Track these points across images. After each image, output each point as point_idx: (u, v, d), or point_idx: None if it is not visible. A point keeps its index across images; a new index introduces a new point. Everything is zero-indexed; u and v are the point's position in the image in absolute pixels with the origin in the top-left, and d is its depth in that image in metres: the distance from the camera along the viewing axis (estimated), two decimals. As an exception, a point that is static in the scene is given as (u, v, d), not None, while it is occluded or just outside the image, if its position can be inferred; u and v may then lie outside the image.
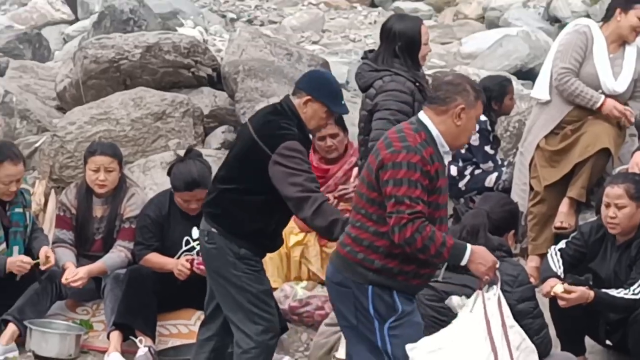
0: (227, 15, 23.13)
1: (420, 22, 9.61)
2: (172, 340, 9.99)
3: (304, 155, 8.24)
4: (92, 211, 10.39)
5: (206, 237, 8.43)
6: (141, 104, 12.45)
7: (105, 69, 13.23)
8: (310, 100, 8.19)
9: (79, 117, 12.46)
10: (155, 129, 12.30)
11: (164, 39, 13.77)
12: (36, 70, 15.15)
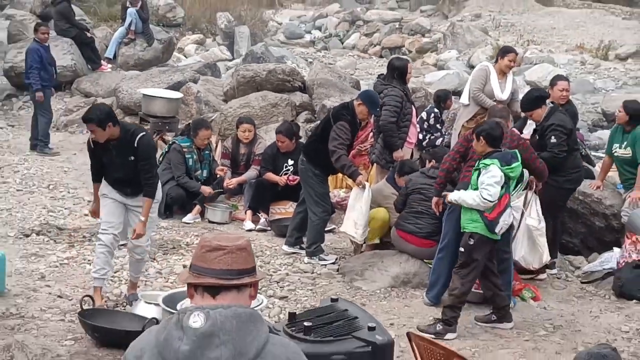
0: (307, 59, 25.30)
1: (408, 62, 11.24)
2: (277, 216, 11.31)
3: (346, 130, 9.59)
4: (239, 150, 11.87)
5: (301, 163, 10.00)
6: (265, 99, 14.15)
7: (248, 81, 14.99)
8: (361, 104, 9.66)
9: (233, 105, 14.20)
10: (272, 112, 14.02)
11: (277, 67, 15.57)
12: (213, 82, 16.62)
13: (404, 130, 10.42)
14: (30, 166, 13.50)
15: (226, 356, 3.00)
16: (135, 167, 8.06)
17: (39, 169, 13.35)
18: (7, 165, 13.43)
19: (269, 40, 27.30)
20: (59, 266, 9.36)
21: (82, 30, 18.85)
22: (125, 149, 8.02)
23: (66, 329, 7.83)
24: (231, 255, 3.18)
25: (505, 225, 7.96)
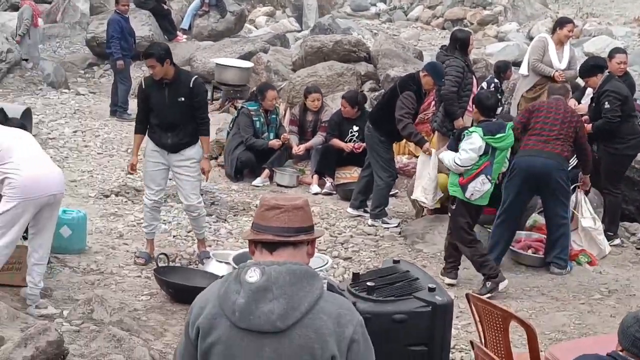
0: (372, 30, 25.18)
1: (470, 34, 10.87)
2: (343, 180, 11.26)
3: (412, 100, 9.56)
4: (306, 117, 11.82)
5: (367, 130, 10.00)
6: (332, 69, 14.07)
7: (315, 51, 14.93)
8: (427, 75, 9.56)
9: (301, 74, 14.08)
10: (338, 81, 13.91)
11: (344, 38, 15.50)
12: (282, 52, 16.63)
13: (464, 99, 10.25)
14: (110, 131, 13.64)
15: (278, 310, 3.06)
16: (184, 110, 8.07)
17: (118, 134, 13.49)
18: (89, 130, 13.60)
19: (335, 12, 27.10)
20: (136, 225, 9.46)
21: (160, 3, 18.95)
22: (179, 89, 8.05)
23: (142, 285, 7.96)
24: (288, 214, 3.23)
25: (476, 192, 7.91)
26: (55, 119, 14.07)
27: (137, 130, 8.41)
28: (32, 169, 6.84)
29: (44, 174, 6.91)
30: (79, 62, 18.27)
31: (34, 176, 6.81)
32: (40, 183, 6.84)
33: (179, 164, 8.21)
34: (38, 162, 6.99)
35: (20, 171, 6.77)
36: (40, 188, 6.83)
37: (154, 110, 8.15)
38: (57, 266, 8.10)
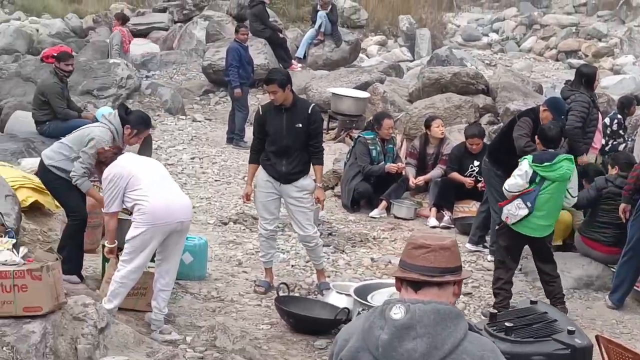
0: (484, 61, 24.98)
1: (596, 69, 10.63)
2: (461, 214, 11.14)
3: (529, 124, 9.30)
4: (427, 150, 11.71)
5: (484, 164, 9.87)
6: (450, 101, 14.12)
7: (433, 83, 15.03)
8: (546, 110, 9.28)
9: (418, 105, 14.12)
10: (456, 113, 13.98)
11: (462, 70, 15.63)
12: (398, 83, 16.81)
13: (589, 135, 10.08)
14: (227, 158, 13.82)
15: (421, 349, 3.03)
16: (300, 136, 8.14)
17: (234, 161, 13.65)
18: (206, 157, 13.82)
19: (447, 42, 27.14)
20: (255, 254, 9.52)
21: (275, 31, 19.24)
22: (297, 115, 8.12)
23: (262, 314, 8.02)
24: (434, 254, 3.22)
25: (511, 215, 7.95)
26: (173, 145, 14.36)
27: (252, 160, 8.50)
28: (161, 196, 7.02)
29: (172, 202, 7.07)
30: (195, 89, 18.54)
31: (162, 203, 6.99)
32: (169, 210, 7.02)
33: (292, 194, 8.27)
34: (167, 189, 7.18)
35: (150, 198, 6.96)
36: (168, 215, 7.00)
37: (270, 135, 8.23)
38: (179, 292, 8.22)
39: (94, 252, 8.81)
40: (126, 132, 7.77)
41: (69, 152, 7.78)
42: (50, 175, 7.96)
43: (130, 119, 7.79)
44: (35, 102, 12.51)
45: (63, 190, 7.97)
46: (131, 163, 7.23)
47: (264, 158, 8.35)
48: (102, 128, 7.79)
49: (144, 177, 7.08)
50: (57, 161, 7.85)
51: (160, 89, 17.30)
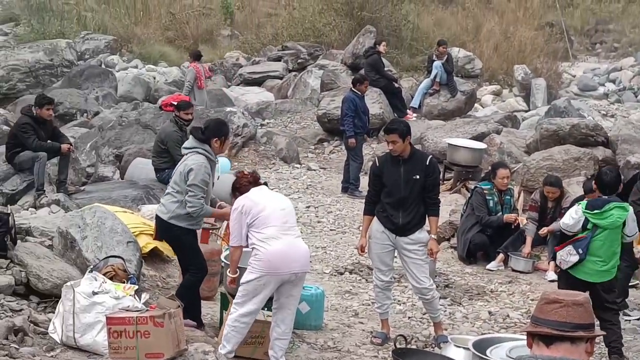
0: (600, 111, 24.42)
1: None
2: None
3: None
4: (547, 204, 11.30)
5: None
6: (568, 153, 13.86)
7: (551, 135, 14.91)
8: None
9: (536, 157, 13.83)
10: (575, 165, 13.69)
11: (581, 122, 15.30)
12: (515, 134, 16.90)
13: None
14: (342, 207, 13.89)
15: None
16: (417, 188, 8.16)
17: (349, 211, 13.70)
18: (321, 206, 13.95)
19: (562, 92, 26.78)
20: (371, 304, 9.51)
21: (391, 81, 19.37)
22: (415, 166, 8.17)
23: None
24: (567, 309, 3.21)
25: (563, 261, 8.05)
26: (288, 193, 14.42)
27: (367, 212, 8.54)
28: (280, 245, 7.11)
29: (290, 252, 7.16)
30: (309, 138, 18.74)
31: (280, 252, 7.08)
32: (285, 261, 7.11)
33: (407, 247, 8.29)
34: (288, 237, 7.23)
35: (269, 245, 7.07)
36: (284, 265, 7.10)
37: (387, 187, 8.27)
38: (296, 342, 8.25)
39: (211, 299, 9.00)
40: (216, 144, 7.90)
41: (180, 196, 7.86)
42: (175, 231, 8.00)
43: (213, 131, 7.89)
44: (155, 149, 12.87)
45: (187, 246, 8.08)
46: (262, 200, 7.30)
47: (380, 209, 8.38)
48: (193, 155, 7.89)
49: (270, 221, 7.16)
50: (173, 211, 7.91)
51: (275, 138, 17.56)
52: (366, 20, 26.30)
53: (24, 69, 25.80)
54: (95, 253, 8.60)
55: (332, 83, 20.77)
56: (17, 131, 12.61)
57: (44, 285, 8.03)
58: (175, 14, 33.27)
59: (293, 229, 7.38)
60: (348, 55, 22.29)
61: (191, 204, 7.71)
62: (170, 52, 30.95)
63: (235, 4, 34.67)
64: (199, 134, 7.94)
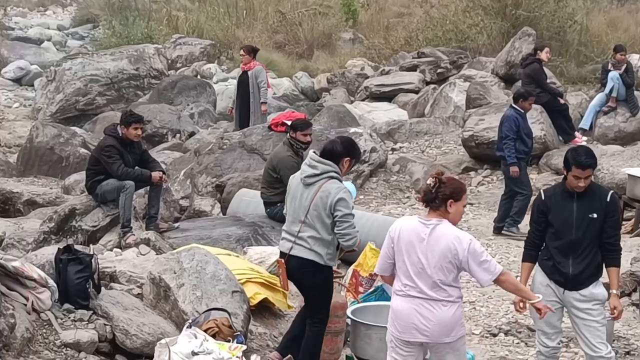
0: None
1: None
2: None
3: None
4: None
5: None
6: None
7: None
8: None
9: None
10: None
11: None
12: None
13: None
14: (495, 252, 13.70)
15: None
16: (593, 230, 8.07)
17: (503, 256, 13.58)
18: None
19: None
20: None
21: (555, 96, 19.13)
22: (592, 202, 8.08)
23: None
24: None
25: None
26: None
27: (527, 258, 8.48)
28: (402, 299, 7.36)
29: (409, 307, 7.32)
30: (452, 166, 18.62)
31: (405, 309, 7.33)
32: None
33: (578, 305, 8.19)
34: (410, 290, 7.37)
35: (394, 297, 7.39)
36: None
37: (554, 227, 8.20)
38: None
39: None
40: (345, 165, 8.56)
41: (331, 235, 8.41)
42: (329, 275, 8.61)
43: (346, 149, 8.55)
44: (265, 179, 13.01)
45: (330, 290, 8.59)
46: (404, 235, 7.33)
47: (544, 257, 8.34)
48: (331, 184, 8.41)
49: (403, 261, 7.30)
50: (329, 253, 8.48)
51: (410, 165, 17.55)
52: (522, 20, 26.25)
53: (105, 79, 26.46)
54: (194, 304, 8.75)
55: (480, 98, 20.69)
56: (99, 155, 12.76)
57: (132, 343, 8.22)
58: (285, 13, 33.96)
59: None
60: (500, 63, 22.24)
61: (350, 235, 8.33)
62: (280, 59, 31.39)
63: (359, 2, 34.87)
64: (331, 150, 8.53)
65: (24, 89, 30.51)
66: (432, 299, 7.22)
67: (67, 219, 12.87)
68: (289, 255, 8.51)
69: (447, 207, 7.21)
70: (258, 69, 19.19)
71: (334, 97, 26.01)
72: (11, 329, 7.53)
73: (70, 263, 8.53)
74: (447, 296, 7.22)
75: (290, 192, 8.72)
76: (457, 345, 7.34)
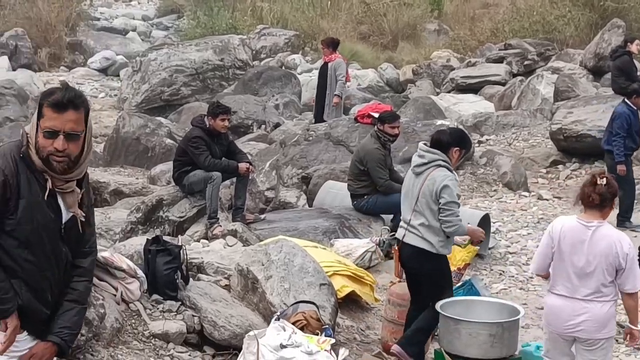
0: None
1: None
2: None
3: None
4: None
5: None
6: None
7: None
8: None
9: None
10: None
11: None
12: None
13: None
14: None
15: None
16: None
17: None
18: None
19: None
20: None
21: (650, 91, 18.74)
22: None
23: None
24: None
25: None
26: (514, 228, 14.33)
27: None
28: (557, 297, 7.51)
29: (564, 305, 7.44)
30: (540, 159, 18.45)
31: (558, 305, 7.49)
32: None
33: None
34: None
35: (548, 296, 7.60)
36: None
37: None
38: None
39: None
40: (455, 155, 8.74)
41: (433, 219, 8.58)
42: (443, 262, 8.79)
43: (455, 139, 8.77)
44: (351, 171, 12.98)
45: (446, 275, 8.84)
46: (566, 236, 7.41)
47: None
48: (438, 172, 8.61)
49: (562, 260, 7.40)
50: (440, 240, 8.66)
51: (497, 158, 17.37)
52: (611, 11, 26.01)
53: (190, 70, 26.65)
54: (281, 297, 8.74)
55: (568, 91, 20.47)
56: (186, 147, 12.82)
57: (220, 334, 8.20)
58: (370, 4, 33.92)
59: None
60: (589, 56, 22.06)
61: (451, 222, 8.50)
62: (364, 50, 31.39)
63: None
64: (438, 140, 8.67)
65: (110, 79, 30.89)
66: (589, 299, 7.34)
67: (154, 210, 12.98)
68: (403, 242, 8.81)
69: (612, 207, 7.36)
70: (338, 62, 19.17)
71: (419, 88, 25.94)
72: (101, 319, 7.53)
73: (159, 254, 8.53)
74: (602, 295, 7.33)
75: (405, 183, 8.95)
76: (607, 343, 7.45)
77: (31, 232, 4.81)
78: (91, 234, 5.18)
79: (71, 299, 5.05)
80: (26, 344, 4.98)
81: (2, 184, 4.74)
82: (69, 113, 4.73)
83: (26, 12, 32.45)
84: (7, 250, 4.82)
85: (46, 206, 4.83)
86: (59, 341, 4.97)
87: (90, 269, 5.19)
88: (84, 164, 4.92)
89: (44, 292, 4.95)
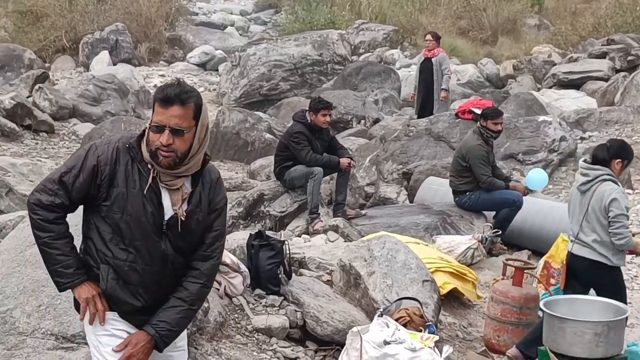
0: None
1: None
2: None
3: None
4: None
5: None
6: None
7: None
8: None
9: None
10: None
11: None
12: None
13: None
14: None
15: None
16: None
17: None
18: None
19: None
20: None
21: None
22: None
23: None
24: None
25: None
26: (618, 226, 14.04)
27: None
28: None
29: None
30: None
31: None
32: None
33: None
34: None
35: None
36: None
37: None
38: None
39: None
40: (618, 166, 8.72)
41: (604, 234, 8.57)
42: (614, 274, 8.78)
43: (617, 151, 8.72)
44: (453, 167, 12.91)
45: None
46: None
47: None
48: (604, 186, 8.58)
49: None
50: (614, 253, 8.65)
51: (583, 155, 17.16)
52: None
53: (288, 65, 26.61)
54: (384, 293, 8.72)
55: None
56: (288, 142, 12.88)
57: (323, 330, 8.21)
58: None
59: None
60: None
61: (621, 234, 8.46)
62: (464, 45, 31.30)
63: (545, -13, 34.56)
64: (598, 156, 8.73)
65: (209, 74, 30.97)
66: None
67: (255, 204, 13.04)
68: (572, 254, 8.84)
69: None
70: (442, 56, 19.14)
71: (520, 84, 25.78)
72: (205, 313, 7.59)
73: (262, 249, 8.59)
74: None
75: (571, 200, 9.01)
76: None
77: (120, 222, 4.89)
78: (215, 239, 5.19)
79: (178, 297, 5.09)
80: (123, 326, 5.08)
81: (93, 168, 4.86)
82: (174, 108, 4.78)
83: (127, 7, 32.75)
84: (101, 235, 4.93)
85: (145, 199, 4.90)
86: (153, 333, 5.02)
87: (208, 273, 5.19)
88: (192, 161, 4.95)
89: (132, 284, 5.01)
